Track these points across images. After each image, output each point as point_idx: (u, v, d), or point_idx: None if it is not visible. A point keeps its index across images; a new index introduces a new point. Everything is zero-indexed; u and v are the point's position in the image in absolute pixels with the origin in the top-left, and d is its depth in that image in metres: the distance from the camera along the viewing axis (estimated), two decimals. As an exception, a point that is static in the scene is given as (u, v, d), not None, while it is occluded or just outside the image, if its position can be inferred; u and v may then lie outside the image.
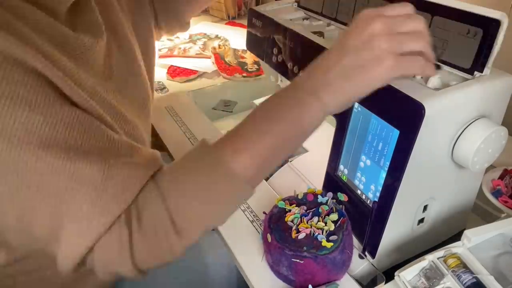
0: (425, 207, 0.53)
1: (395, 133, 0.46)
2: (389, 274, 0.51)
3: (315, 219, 0.52)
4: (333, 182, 0.59)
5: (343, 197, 0.54)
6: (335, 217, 0.52)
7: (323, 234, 0.50)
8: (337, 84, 0.43)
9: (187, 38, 1.27)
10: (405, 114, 0.45)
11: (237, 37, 1.27)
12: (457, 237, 0.55)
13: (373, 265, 0.55)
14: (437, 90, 0.46)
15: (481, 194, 0.61)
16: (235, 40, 1.24)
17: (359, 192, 0.55)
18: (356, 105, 0.52)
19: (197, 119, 0.89)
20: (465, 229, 0.48)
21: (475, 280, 0.44)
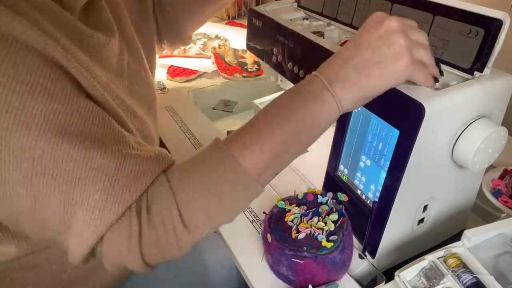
0: (425, 207, 0.53)
1: (395, 133, 0.46)
2: (389, 274, 0.51)
3: (315, 219, 0.52)
4: (333, 182, 0.59)
5: (343, 197, 0.54)
6: (335, 217, 0.52)
7: (323, 234, 0.50)
8: (353, 79, 0.42)
9: (187, 38, 1.27)
10: (405, 114, 0.45)
11: (237, 37, 1.27)
12: (457, 237, 0.55)
13: (373, 265, 0.55)
14: (437, 90, 0.46)
15: (481, 194, 0.61)
16: (235, 40, 1.24)
17: (359, 192, 0.55)
18: (356, 105, 0.52)
19: (197, 119, 0.89)
20: (465, 229, 0.48)
21: (475, 280, 0.44)
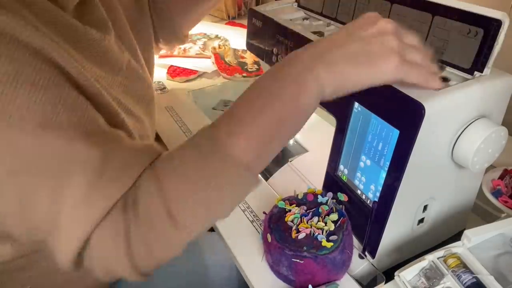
0: (425, 207, 0.53)
1: (395, 133, 0.46)
2: (389, 274, 0.51)
3: (315, 219, 0.52)
4: (333, 182, 0.59)
5: (343, 197, 0.54)
6: (335, 217, 0.52)
7: (323, 234, 0.50)
8: (340, 65, 0.41)
9: (187, 38, 1.27)
10: (405, 114, 0.45)
11: (237, 37, 1.27)
12: (457, 237, 0.55)
13: (373, 265, 0.55)
14: (437, 90, 0.46)
15: (481, 194, 0.61)
16: (235, 40, 1.24)
17: (359, 192, 0.55)
18: (356, 105, 0.52)
19: (197, 119, 0.89)
20: (465, 229, 0.48)
21: (475, 280, 0.44)
